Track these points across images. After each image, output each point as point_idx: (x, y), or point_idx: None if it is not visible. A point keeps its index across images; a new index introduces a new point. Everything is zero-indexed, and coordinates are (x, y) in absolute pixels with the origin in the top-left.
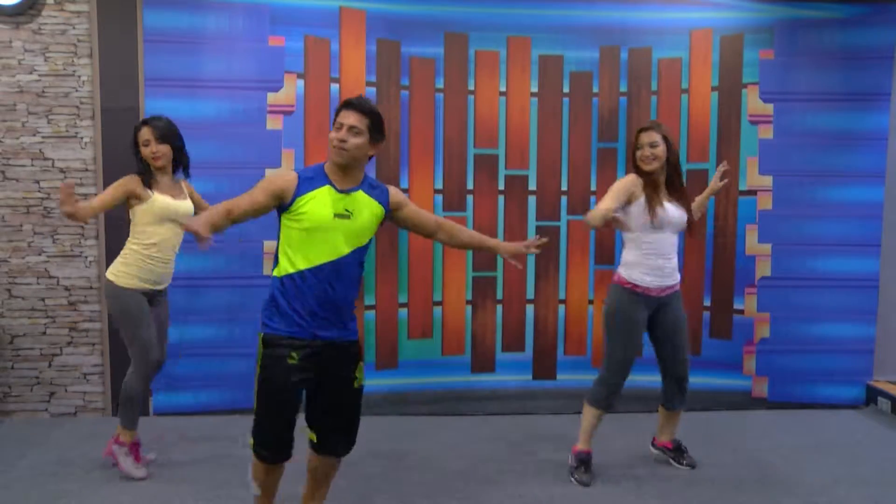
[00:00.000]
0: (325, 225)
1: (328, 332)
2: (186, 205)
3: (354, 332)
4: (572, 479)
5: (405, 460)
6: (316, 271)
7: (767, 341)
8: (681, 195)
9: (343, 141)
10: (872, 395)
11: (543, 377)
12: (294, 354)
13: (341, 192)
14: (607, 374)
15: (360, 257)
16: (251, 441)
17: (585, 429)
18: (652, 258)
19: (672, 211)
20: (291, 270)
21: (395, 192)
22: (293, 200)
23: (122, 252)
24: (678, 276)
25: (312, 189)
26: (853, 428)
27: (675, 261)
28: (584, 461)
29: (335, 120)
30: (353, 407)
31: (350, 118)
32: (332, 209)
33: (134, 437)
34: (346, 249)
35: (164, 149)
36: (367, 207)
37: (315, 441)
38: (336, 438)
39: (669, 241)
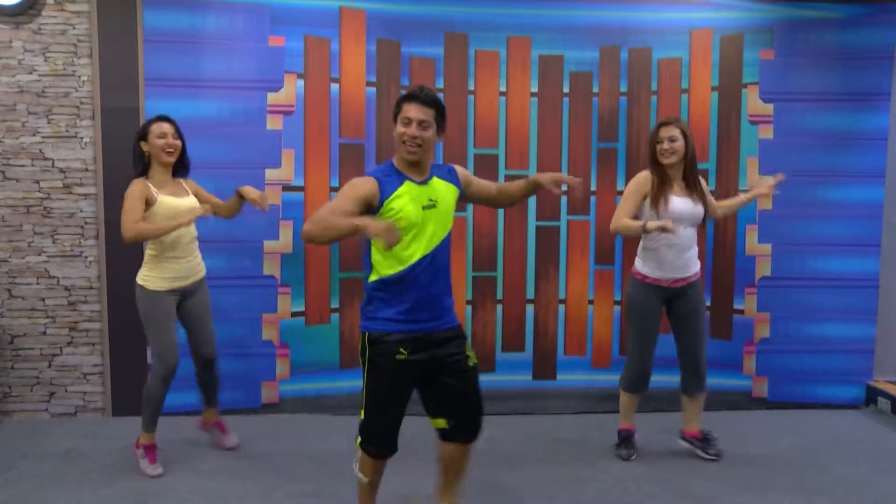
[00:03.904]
0: (417, 220)
1: (432, 323)
2: (190, 201)
3: (454, 316)
4: (616, 454)
5: (404, 460)
6: (415, 267)
7: (767, 341)
8: (695, 189)
9: (415, 137)
10: (872, 395)
11: (543, 377)
12: (403, 350)
13: (420, 183)
14: (630, 361)
15: (448, 243)
16: (359, 439)
17: (622, 409)
18: (663, 251)
19: (680, 205)
20: (391, 272)
21: (460, 169)
22: (381, 204)
23: (145, 258)
24: (696, 267)
25: (395, 188)
26: (853, 428)
27: (690, 253)
28: (624, 438)
29: (399, 114)
30: (473, 387)
31: (418, 112)
32: (419, 203)
33: (152, 440)
34: (439, 238)
35: (179, 144)
36: (446, 191)
37: (447, 429)
38: (467, 424)
39: (683, 235)
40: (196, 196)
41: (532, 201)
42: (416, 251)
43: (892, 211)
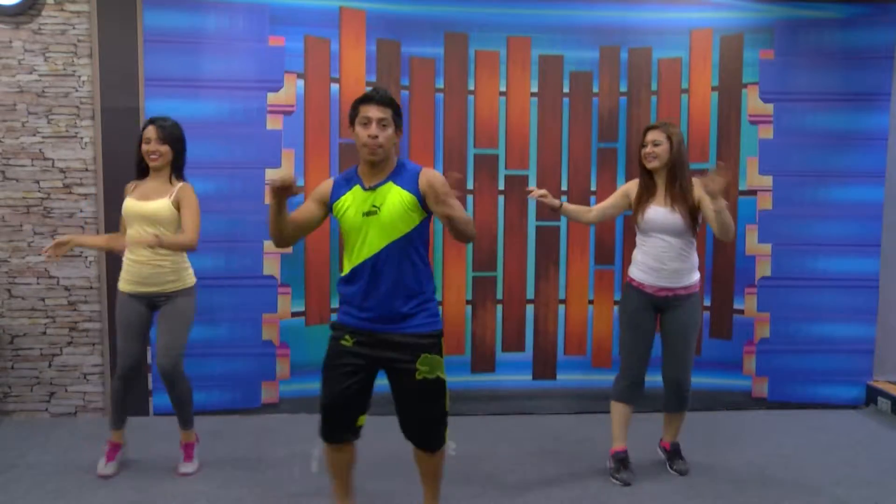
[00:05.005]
0: (357, 225)
1: (378, 325)
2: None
3: (418, 325)
4: (613, 479)
5: (405, 460)
6: (359, 270)
7: (767, 341)
8: (677, 198)
9: (375, 137)
10: (872, 395)
11: (543, 377)
12: (348, 337)
13: (368, 189)
14: (623, 367)
15: (401, 250)
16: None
17: (615, 426)
18: (646, 258)
19: (657, 214)
20: (346, 270)
21: (425, 174)
22: (331, 206)
23: None
24: (686, 281)
25: (345, 192)
26: (853, 428)
27: (676, 265)
28: (621, 460)
29: (357, 116)
30: (419, 400)
31: (377, 111)
32: (361, 209)
33: (117, 438)
34: (379, 245)
35: (164, 149)
36: (395, 198)
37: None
38: (410, 431)
39: (661, 245)
40: (177, 205)
41: (532, 201)
42: (359, 255)
43: (892, 211)
